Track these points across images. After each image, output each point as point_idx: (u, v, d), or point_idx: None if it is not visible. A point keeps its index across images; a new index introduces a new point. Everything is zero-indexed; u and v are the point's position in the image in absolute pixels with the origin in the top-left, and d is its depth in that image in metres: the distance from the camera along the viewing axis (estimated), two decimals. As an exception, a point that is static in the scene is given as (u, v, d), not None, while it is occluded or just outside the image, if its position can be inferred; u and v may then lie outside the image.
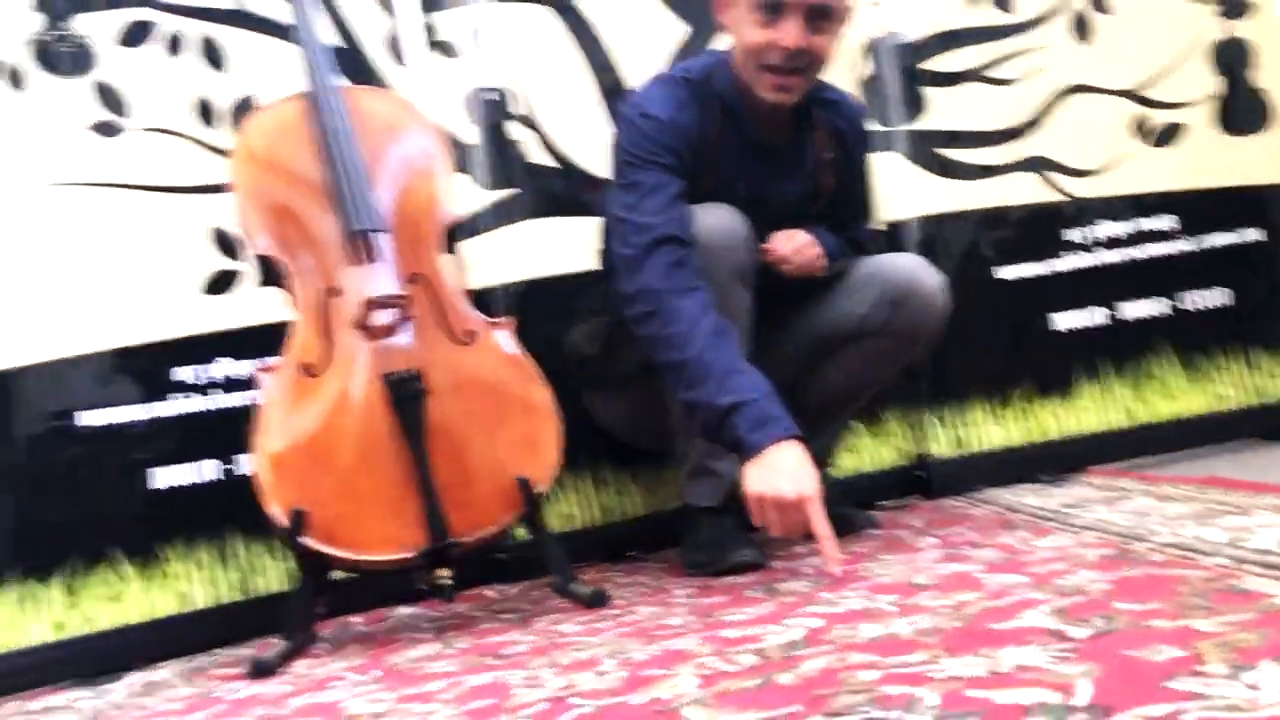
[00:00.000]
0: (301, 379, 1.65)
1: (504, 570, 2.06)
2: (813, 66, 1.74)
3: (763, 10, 1.69)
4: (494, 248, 2.17)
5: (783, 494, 1.53)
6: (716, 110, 1.80)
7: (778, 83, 1.73)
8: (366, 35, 2.15)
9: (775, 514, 1.55)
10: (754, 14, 1.70)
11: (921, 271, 1.88)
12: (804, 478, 1.54)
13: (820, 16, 1.69)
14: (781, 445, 1.57)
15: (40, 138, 1.92)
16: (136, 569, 1.89)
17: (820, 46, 1.72)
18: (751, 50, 1.73)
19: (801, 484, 1.53)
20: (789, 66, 1.71)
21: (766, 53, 1.71)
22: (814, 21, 1.69)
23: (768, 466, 1.56)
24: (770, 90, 1.74)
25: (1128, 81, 2.42)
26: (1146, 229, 2.40)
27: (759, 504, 1.56)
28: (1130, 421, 2.34)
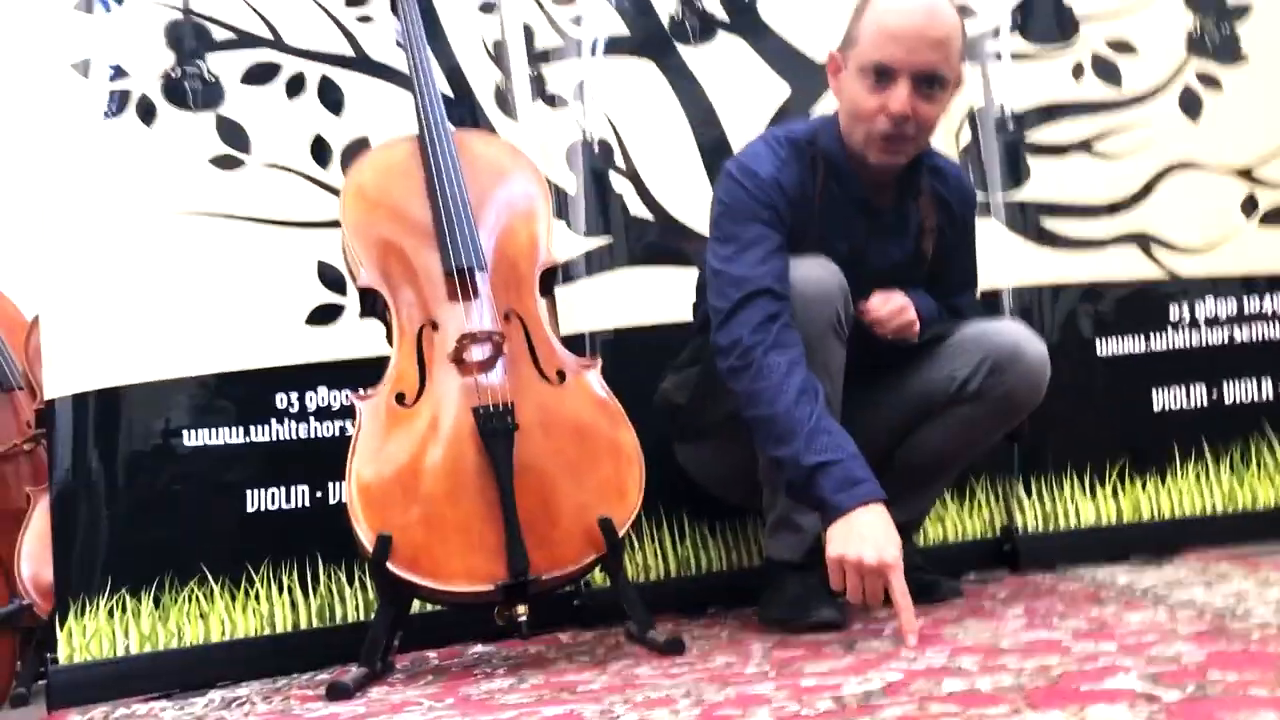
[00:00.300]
0: (395, 408, 1.68)
1: (579, 615, 2.06)
2: (921, 132, 1.74)
3: (872, 75, 1.69)
4: (587, 294, 2.20)
5: (864, 559, 1.51)
6: (820, 169, 1.81)
7: (885, 146, 1.74)
8: (476, 84, 2.23)
9: (855, 579, 1.53)
10: (864, 79, 1.71)
11: (1025, 339, 1.84)
12: (886, 543, 1.52)
13: (929, 84, 1.69)
14: (866, 508, 1.56)
15: (163, 168, 2.01)
16: (224, 589, 1.93)
17: (928, 113, 1.72)
18: (860, 114, 1.73)
19: (884, 550, 1.51)
20: (897, 132, 1.71)
21: (875, 117, 1.71)
22: (923, 88, 1.69)
23: (851, 529, 1.54)
24: (877, 154, 1.75)
25: (1237, 160, 2.38)
26: (1252, 310, 2.35)
27: (839, 567, 1.54)
28: (1230, 506, 2.27)
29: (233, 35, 2.09)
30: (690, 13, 2.35)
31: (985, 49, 2.39)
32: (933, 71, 1.69)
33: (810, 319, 1.70)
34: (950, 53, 1.71)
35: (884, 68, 1.68)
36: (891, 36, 1.68)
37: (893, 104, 1.69)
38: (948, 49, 1.70)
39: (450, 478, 1.65)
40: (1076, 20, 2.41)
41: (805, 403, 1.63)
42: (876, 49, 1.69)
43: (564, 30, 2.32)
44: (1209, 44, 2.41)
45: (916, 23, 1.68)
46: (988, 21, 2.40)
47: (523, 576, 1.60)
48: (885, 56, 1.68)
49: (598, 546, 1.66)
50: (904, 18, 1.69)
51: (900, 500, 1.86)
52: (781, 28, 2.37)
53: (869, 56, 1.70)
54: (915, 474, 1.92)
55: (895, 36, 1.68)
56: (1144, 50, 2.40)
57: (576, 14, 2.32)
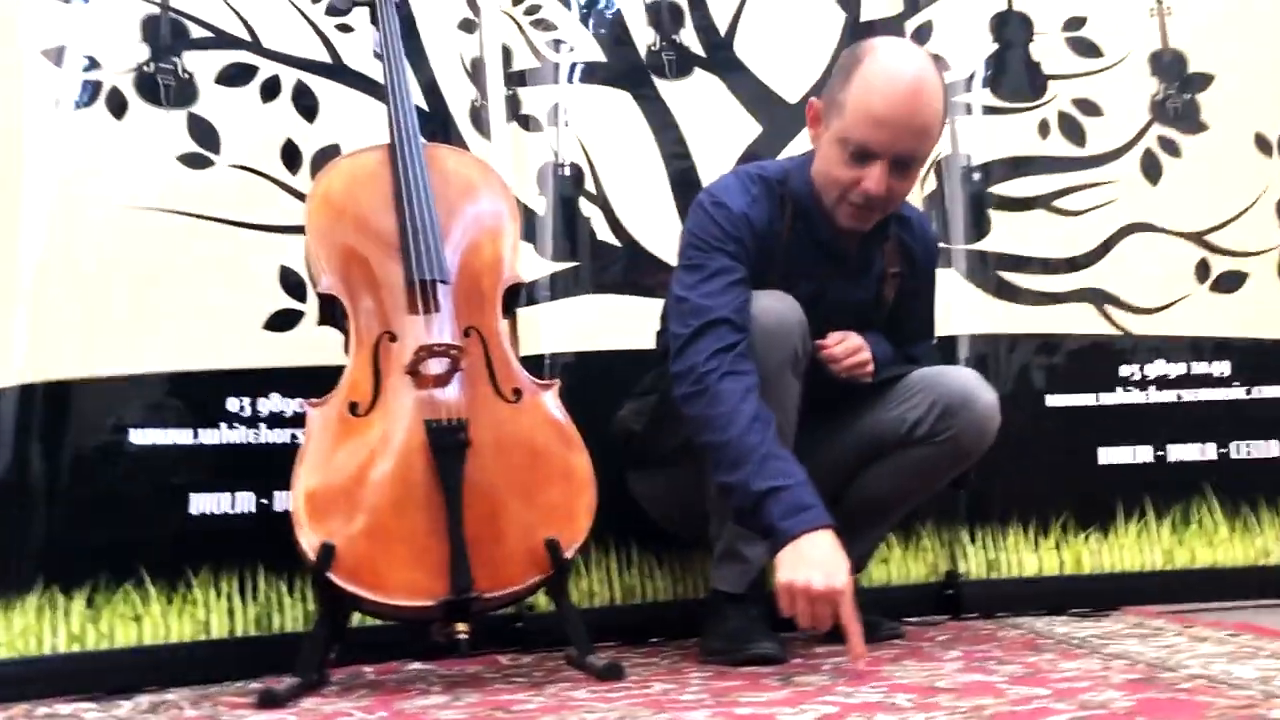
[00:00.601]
0: (347, 417, 1.67)
1: (521, 638, 2.05)
2: (890, 205, 1.79)
3: (851, 150, 1.71)
4: (550, 317, 2.21)
5: (813, 584, 1.52)
6: (789, 210, 1.83)
7: (854, 214, 1.77)
8: (452, 100, 2.23)
9: (804, 604, 1.54)
10: (842, 149, 1.72)
11: (977, 385, 1.87)
12: (836, 569, 1.53)
13: (907, 165, 1.73)
14: (815, 534, 1.57)
15: (130, 163, 1.98)
16: (160, 591, 1.89)
17: (901, 190, 1.77)
18: (833, 181, 1.76)
19: (833, 575, 1.52)
20: (868, 206, 1.75)
21: (849, 191, 1.74)
22: (900, 169, 1.72)
23: (799, 555, 1.55)
24: (846, 219, 1.78)
25: (1193, 225, 2.43)
26: (1200, 373, 2.39)
27: (788, 593, 1.55)
28: (1169, 564, 2.30)
29: (210, 34, 2.08)
30: (668, 47, 2.38)
31: (956, 100, 2.43)
32: (911, 157, 1.73)
33: (768, 352, 1.72)
34: (933, 136, 1.75)
35: (865, 146, 1.70)
36: (877, 122, 1.68)
37: (868, 183, 1.71)
38: (930, 134, 1.73)
39: (398, 490, 1.64)
40: (1046, 78, 2.46)
41: (757, 430, 1.63)
42: (859, 128, 1.69)
43: (542, 54, 2.33)
44: (1171, 111, 2.47)
45: (903, 113, 1.68)
46: (960, 72, 2.45)
47: (465, 594, 1.59)
48: (867, 139, 1.69)
49: (543, 568, 1.65)
50: (891, 106, 1.68)
51: (846, 540, 1.87)
52: (756, 67, 2.41)
53: (850, 134, 1.70)
54: (862, 514, 1.93)
55: (880, 122, 1.68)
56: (1109, 112, 2.45)
57: (555, 39, 2.34)
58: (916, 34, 2.46)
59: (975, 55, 2.46)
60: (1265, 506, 2.34)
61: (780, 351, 1.73)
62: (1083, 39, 2.48)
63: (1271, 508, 2.35)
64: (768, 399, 1.69)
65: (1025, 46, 2.48)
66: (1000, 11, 2.48)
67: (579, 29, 2.36)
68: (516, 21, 2.34)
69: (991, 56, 2.46)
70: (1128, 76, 2.47)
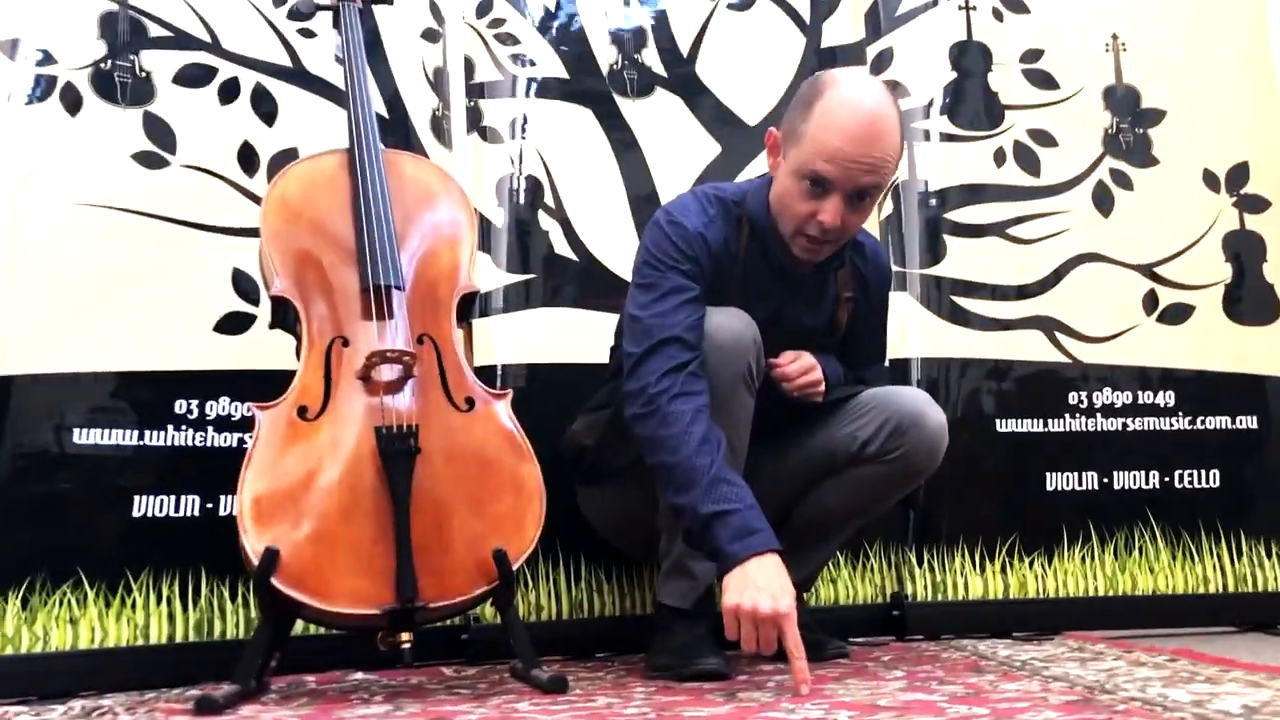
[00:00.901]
0: (296, 421, 1.65)
1: (466, 649, 2.03)
2: (845, 236, 1.79)
3: (808, 181, 1.71)
4: (504, 328, 2.20)
5: (759, 608, 1.52)
6: (745, 231, 1.84)
7: (809, 246, 1.77)
8: (413, 109, 2.23)
9: (749, 628, 1.54)
10: (799, 180, 1.72)
11: (927, 405, 1.89)
12: (781, 593, 1.53)
13: (862, 197, 1.73)
14: (762, 559, 1.56)
15: (83, 160, 1.96)
16: (99, 594, 1.86)
17: (856, 222, 1.77)
18: (790, 211, 1.76)
19: (778, 600, 1.52)
20: (823, 238, 1.75)
21: (805, 224, 1.74)
22: (855, 201, 1.72)
23: (746, 579, 1.55)
24: (800, 250, 1.79)
25: (1142, 257, 2.48)
26: (1145, 402, 2.43)
27: (734, 617, 1.55)
28: (1111, 590, 2.33)
29: (169, 34, 2.06)
30: (630, 65, 2.40)
31: (915, 126, 2.46)
32: (867, 188, 1.72)
33: (722, 368, 1.72)
34: (890, 170, 1.74)
35: (821, 180, 1.70)
36: (833, 155, 1.68)
37: (823, 215, 1.71)
38: (888, 169, 1.73)
39: (345, 496, 1.62)
40: (1003, 108, 2.50)
41: (706, 452, 1.63)
42: (817, 161, 1.69)
43: (505, 66, 2.34)
44: (1123, 144, 2.52)
45: (861, 148, 1.67)
46: (919, 99, 2.48)
47: (410, 603, 1.58)
48: (824, 172, 1.69)
49: (489, 578, 1.64)
50: (850, 140, 1.67)
51: (794, 558, 1.88)
52: (717, 88, 2.43)
53: (808, 165, 1.70)
54: (810, 531, 1.94)
55: (836, 156, 1.68)
56: (1063, 143, 2.50)
57: (519, 53, 2.35)
58: (877, 60, 2.50)
59: (934, 83, 2.50)
60: (1205, 535, 2.38)
61: (733, 368, 1.74)
62: (1040, 71, 2.53)
63: (1211, 537, 2.38)
64: (720, 415, 1.69)
65: (984, 76, 2.52)
66: (960, 41, 2.52)
67: (542, 44, 2.37)
68: (480, 34, 2.34)
69: (950, 85, 2.50)
70: (1082, 109, 2.52)
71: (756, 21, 2.48)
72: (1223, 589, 2.36)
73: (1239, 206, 2.53)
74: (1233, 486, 2.42)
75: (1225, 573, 2.37)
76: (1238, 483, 2.43)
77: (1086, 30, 2.55)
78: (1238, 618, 2.35)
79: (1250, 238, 2.52)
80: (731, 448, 1.71)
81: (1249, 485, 2.44)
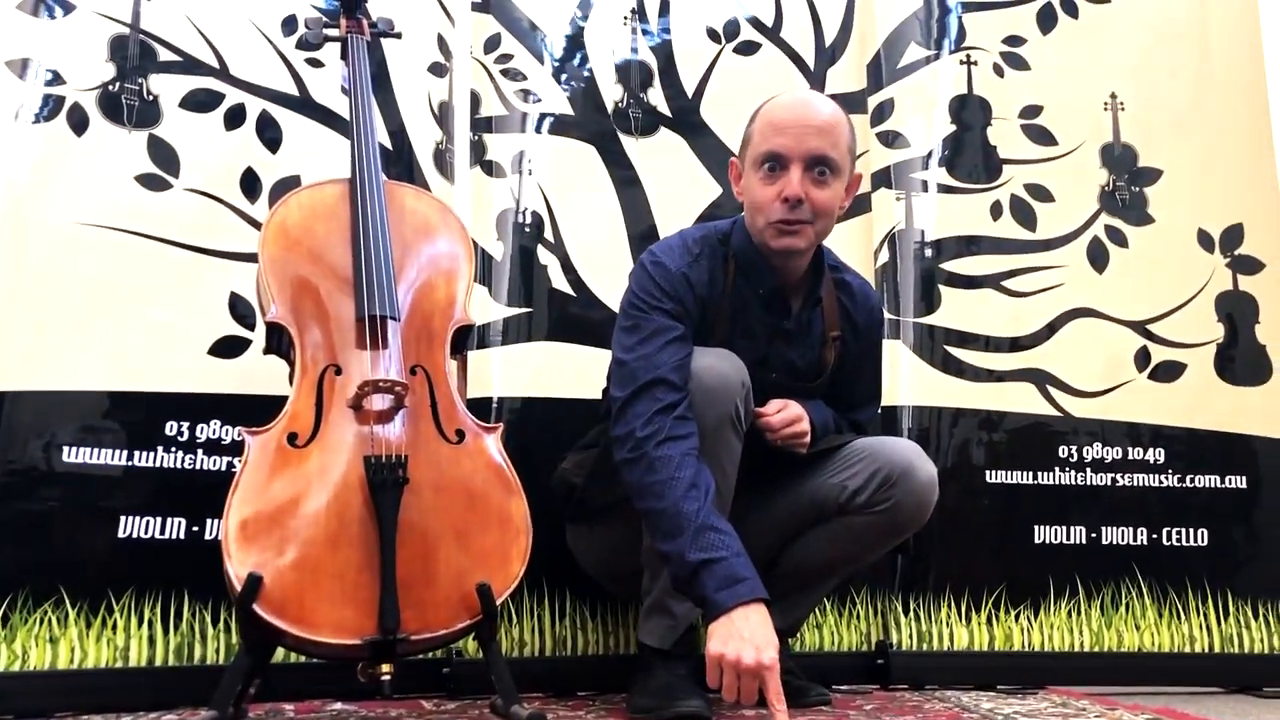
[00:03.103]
0: (285, 447, 1.65)
1: (447, 684, 2.02)
2: (818, 218, 1.81)
3: (766, 166, 1.79)
4: (500, 361, 2.21)
5: (743, 659, 1.51)
6: (731, 267, 1.86)
7: (783, 229, 1.80)
8: (417, 141, 2.25)
9: (731, 678, 1.53)
10: (759, 171, 1.81)
11: (917, 458, 1.87)
12: (765, 645, 1.52)
13: (820, 169, 1.78)
14: (747, 609, 1.56)
15: (87, 180, 1.97)
16: (80, 615, 1.85)
17: (820, 197, 1.79)
18: (759, 205, 1.81)
19: (762, 652, 1.52)
20: (793, 215, 1.78)
21: (772, 205, 1.79)
22: (815, 173, 1.78)
23: (731, 629, 1.54)
24: (775, 237, 1.81)
25: (1136, 314, 2.49)
26: (1135, 458, 2.43)
27: (716, 666, 1.54)
28: (1096, 645, 2.32)
29: (178, 58, 2.08)
30: (635, 104, 2.42)
31: (913, 177, 2.49)
32: (821, 155, 1.78)
33: (709, 410, 1.72)
34: (837, 139, 1.80)
35: (775, 155, 1.79)
36: (779, 128, 1.79)
37: (786, 189, 1.78)
38: (834, 135, 1.80)
39: (331, 524, 1.62)
40: (1001, 162, 2.52)
41: (694, 498, 1.63)
42: (766, 141, 1.80)
43: (510, 102, 2.36)
44: (1120, 201, 2.54)
45: (801, 113, 1.81)
46: (918, 150, 2.51)
47: (392, 634, 1.57)
48: (775, 146, 1.78)
49: (473, 612, 1.63)
50: (789, 110, 1.82)
51: (783, 606, 1.87)
52: (721, 130, 2.45)
53: (761, 149, 1.80)
54: (797, 579, 1.94)
55: (782, 127, 1.79)
56: (1060, 198, 2.52)
57: (525, 89, 2.37)
58: (878, 110, 2.53)
59: (934, 135, 2.52)
60: (1193, 594, 2.38)
61: (720, 410, 1.74)
62: (1038, 127, 2.55)
63: (1199, 596, 2.38)
64: (707, 458, 1.69)
65: (983, 130, 2.54)
66: (960, 95, 2.55)
67: (549, 81, 2.39)
68: (487, 69, 2.36)
69: (949, 137, 2.53)
70: (1080, 166, 2.55)
71: (761, 65, 2.51)
72: (1209, 649, 2.36)
73: (1232, 267, 2.54)
74: (1221, 546, 2.42)
75: (1212, 632, 2.37)
76: (1226, 542, 2.42)
77: (1085, 88, 2.58)
78: (1224, 678, 2.34)
79: (1243, 299, 2.53)
80: (718, 491, 1.70)
81: (1237, 545, 2.43)
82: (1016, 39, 2.58)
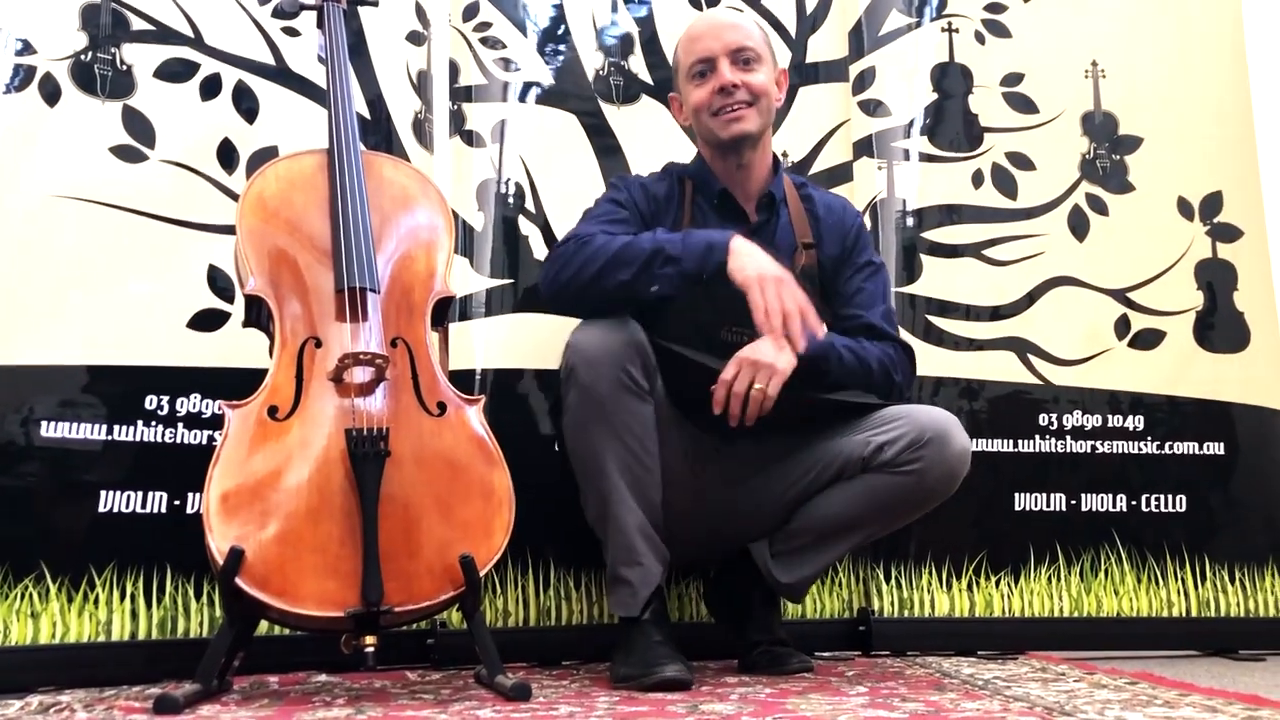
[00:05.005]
0: (266, 420, 1.65)
1: (431, 654, 2.03)
2: (757, 98, 1.96)
3: (697, 74, 1.98)
4: (482, 332, 2.20)
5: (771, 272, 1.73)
6: (689, 185, 2.02)
7: (729, 116, 1.95)
8: (395, 111, 2.23)
9: (775, 289, 1.72)
10: (692, 83, 1.99)
11: (954, 426, 1.84)
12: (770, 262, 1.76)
13: (744, 58, 1.97)
14: (735, 240, 1.78)
15: (60, 151, 1.95)
16: (61, 589, 1.85)
17: (753, 81, 1.96)
18: (700, 107, 1.98)
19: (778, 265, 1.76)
20: (731, 100, 1.94)
21: (711, 99, 1.96)
22: (740, 63, 1.96)
23: (748, 255, 1.75)
24: (725, 128, 1.96)
25: (1115, 282, 2.50)
26: (1115, 426, 2.45)
27: (760, 284, 1.72)
28: (1076, 611, 2.35)
29: (152, 27, 2.06)
30: (617, 73, 2.40)
31: (895, 145, 2.48)
32: (739, 45, 1.97)
33: (596, 379, 1.76)
34: (750, 31, 2.01)
35: (700, 60, 1.97)
36: (696, 37, 2.00)
37: (719, 80, 1.95)
38: (746, 29, 2.01)
39: (313, 497, 1.62)
40: (982, 130, 2.52)
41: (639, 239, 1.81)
42: (690, 53, 1.99)
43: (490, 71, 2.34)
44: (1100, 170, 2.54)
45: (711, 19, 2.10)
46: (900, 119, 2.50)
47: (375, 606, 1.57)
48: (698, 52, 1.98)
49: (456, 584, 1.64)
50: (700, 22, 2.07)
51: (791, 560, 1.89)
52: (703, 98, 2.43)
53: (688, 62, 1.99)
54: (809, 535, 1.91)
55: (698, 36, 2.00)
56: (1041, 167, 2.52)
57: (504, 57, 2.35)
58: (859, 78, 2.52)
59: (915, 103, 2.52)
60: (1171, 560, 2.40)
61: (609, 377, 1.76)
62: (1019, 94, 2.55)
63: (1176, 561, 2.41)
64: (608, 427, 1.76)
65: (964, 98, 2.54)
66: (941, 63, 2.54)
67: (529, 50, 2.37)
68: (466, 38, 2.34)
69: (931, 105, 2.52)
70: (1060, 134, 2.55)
71: (743, 33, 2.48)
72: (1186, 613, 2.38)
73: (1212, 235, 2.56)
74: (1199, 512, 2.44)
75: (1189, 597, 2.39)
76: (1204, 508, 2.45)
77: (1067, 56, 2.58)
78: (1200, 642, 2.37)
79: (1222, 266, 2.54)
80: (637, 459, 1.75)
81: (1214, 511, 2.46)
82: (998, 6, 2.58)
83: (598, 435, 1.79)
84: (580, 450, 1.82)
